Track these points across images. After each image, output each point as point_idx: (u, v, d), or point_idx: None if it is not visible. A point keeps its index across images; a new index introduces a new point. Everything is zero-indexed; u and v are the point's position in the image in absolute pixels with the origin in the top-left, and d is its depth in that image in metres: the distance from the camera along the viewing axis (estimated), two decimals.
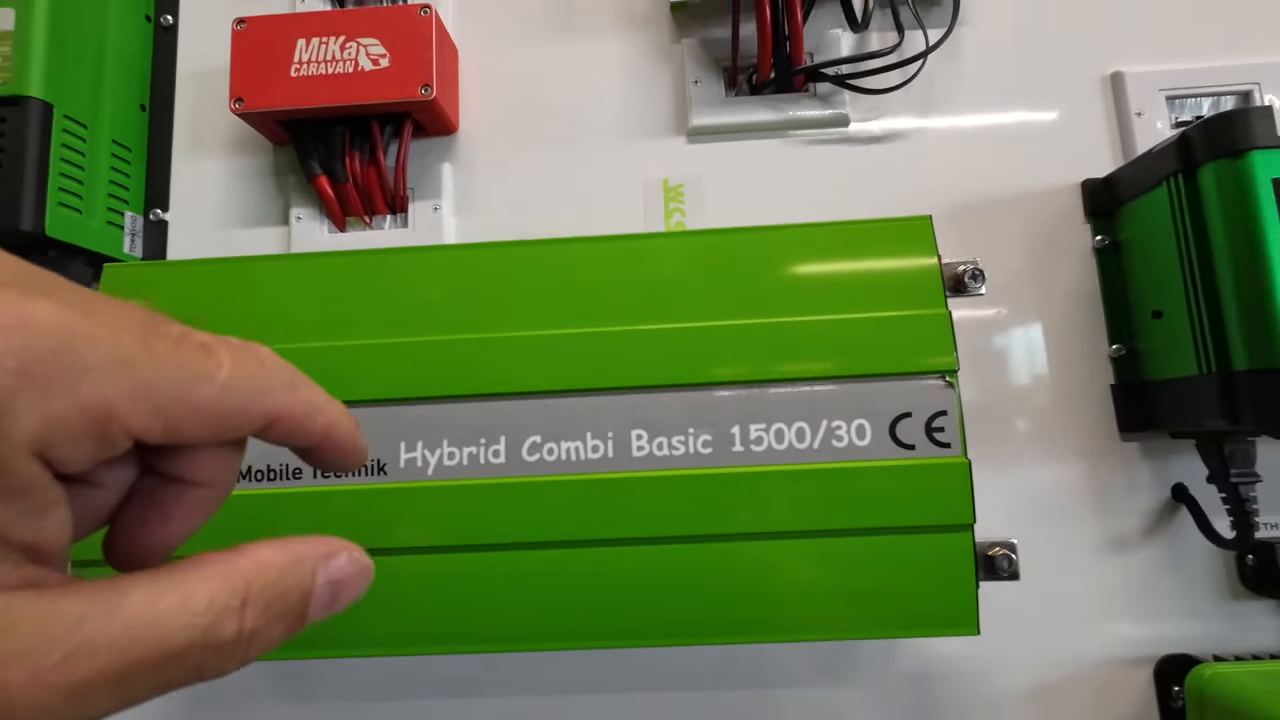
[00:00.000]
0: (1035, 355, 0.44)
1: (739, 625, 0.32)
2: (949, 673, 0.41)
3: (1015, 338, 0.44)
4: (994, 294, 0.44)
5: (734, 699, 0.41)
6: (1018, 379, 0.43)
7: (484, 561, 0.32)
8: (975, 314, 0.44)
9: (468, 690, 0.42)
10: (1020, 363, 0.44)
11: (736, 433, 0.33)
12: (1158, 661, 0.41)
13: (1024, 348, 0.44)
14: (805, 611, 0.32)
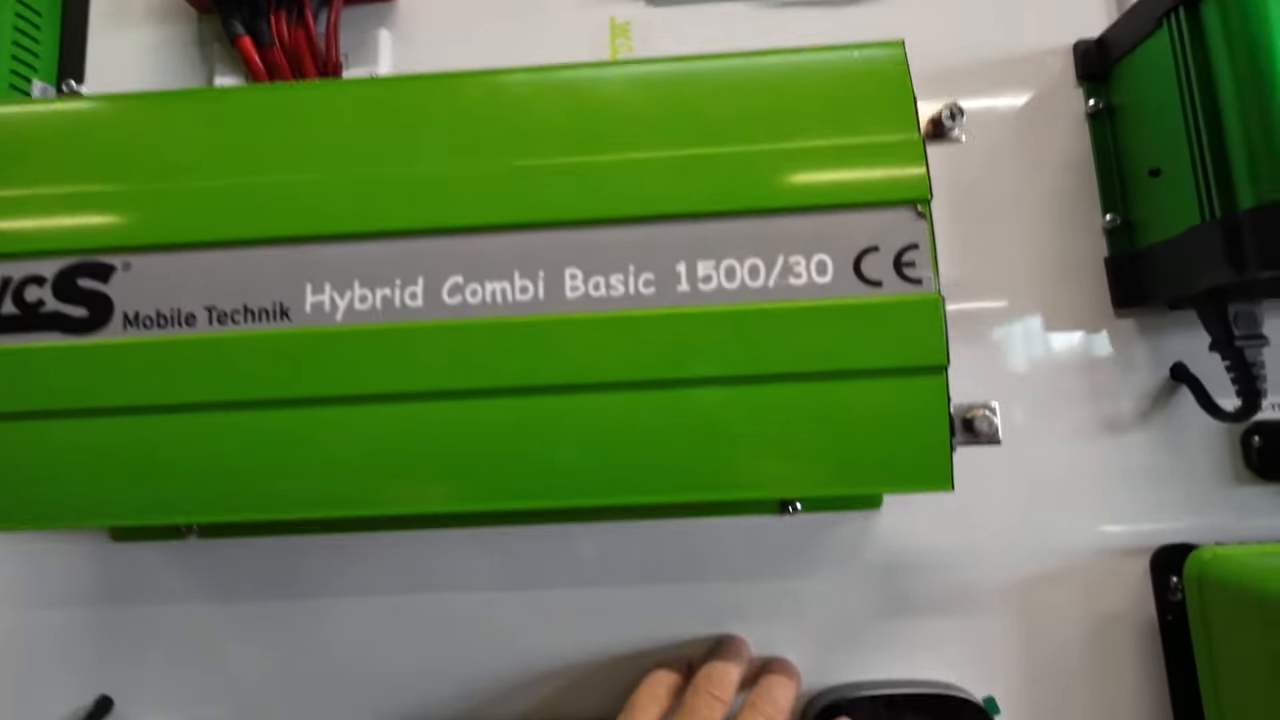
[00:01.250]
0: (1024, 228, 0.40)
1: (688, 480, 0.28)
2: (925, 565, 0.38)
3: (1004, 210, 0.40)
4: (980, 164, 0.40)
5: (692, 592, 0.38)
6: (1005, 253, 0.40)
7: (402, 414, 0.29)
8: (958, 174, 0.40)
9: (394, 586, 0.39)
10: (1008, 237, 0.40)
11: (683, 270, 0.29)
12: (1154, 552, 0.37)
13: (1012, 220, 0.40)
14: (762, 464, 0.28)
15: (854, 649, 0.37)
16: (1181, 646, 0.36)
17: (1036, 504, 0.38)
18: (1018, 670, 0.37)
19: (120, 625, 0.39)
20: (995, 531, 0.38)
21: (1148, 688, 0.37)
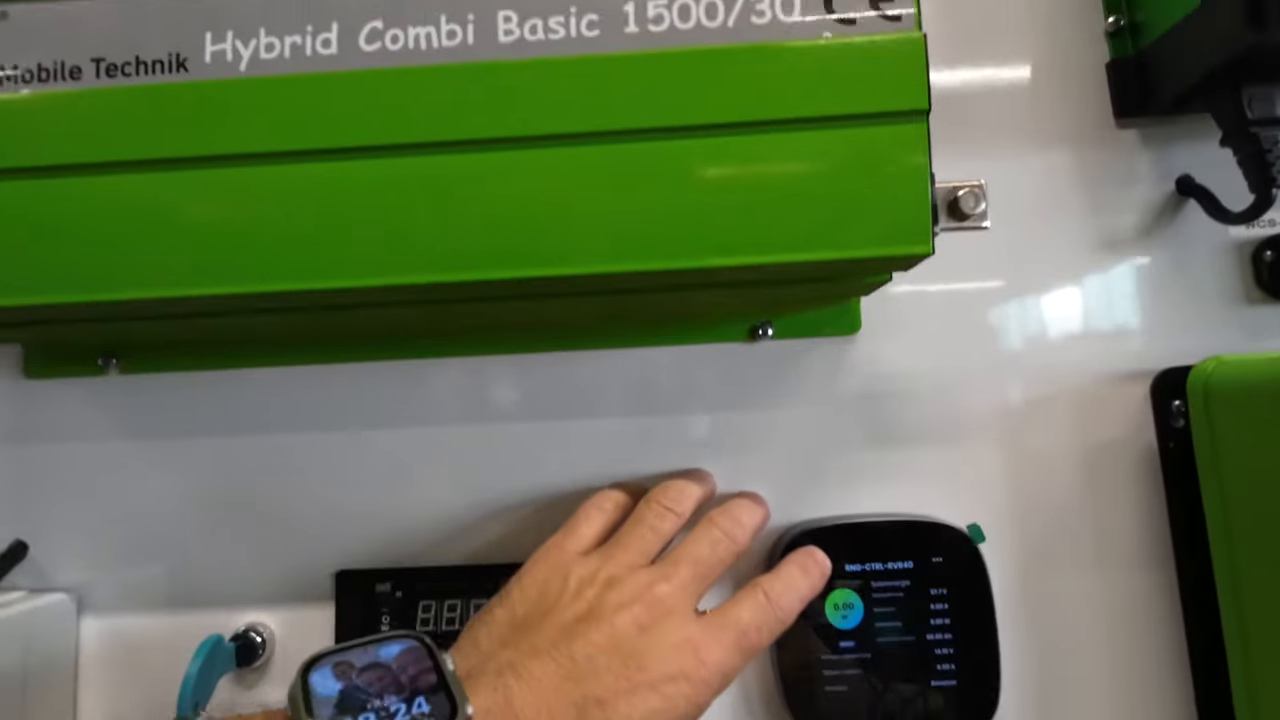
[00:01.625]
0: (1021, 32, 0.37)
1: (644, 247, 0.25)
2: (906, 393, 0.35)
3: (1002, 19, 0.37)
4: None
5: (660, 425, 0.35)
6: (1000, 58, 0.36)
7: (315, 173, 0.25)
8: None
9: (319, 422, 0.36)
10: (1003, 41, 0.37)
11: (630, 10, 0.26)
12: (1156, 376, 0.34)
13: (1003, 25, 0.37)
14: (725, 227, 0.25)
15: (831, 483, 0.35)
16: (1182, 474, 0.33)
17: (1029, 326, 0.35)
18: (1006, 502, 0.34)
19: (36, 466, 0.36)
20: (983, 356, 0.35)
21: (1145, 518, 0.34)
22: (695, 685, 0.25)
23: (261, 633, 0.35)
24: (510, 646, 0.25)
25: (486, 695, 0.23)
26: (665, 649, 0.25)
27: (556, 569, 0.28)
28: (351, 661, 0.23)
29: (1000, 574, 0.34)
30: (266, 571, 0.36)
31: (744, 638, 0.27)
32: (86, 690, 0.35)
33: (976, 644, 0.33)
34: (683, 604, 0.27)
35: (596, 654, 0.25)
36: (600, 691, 0.24)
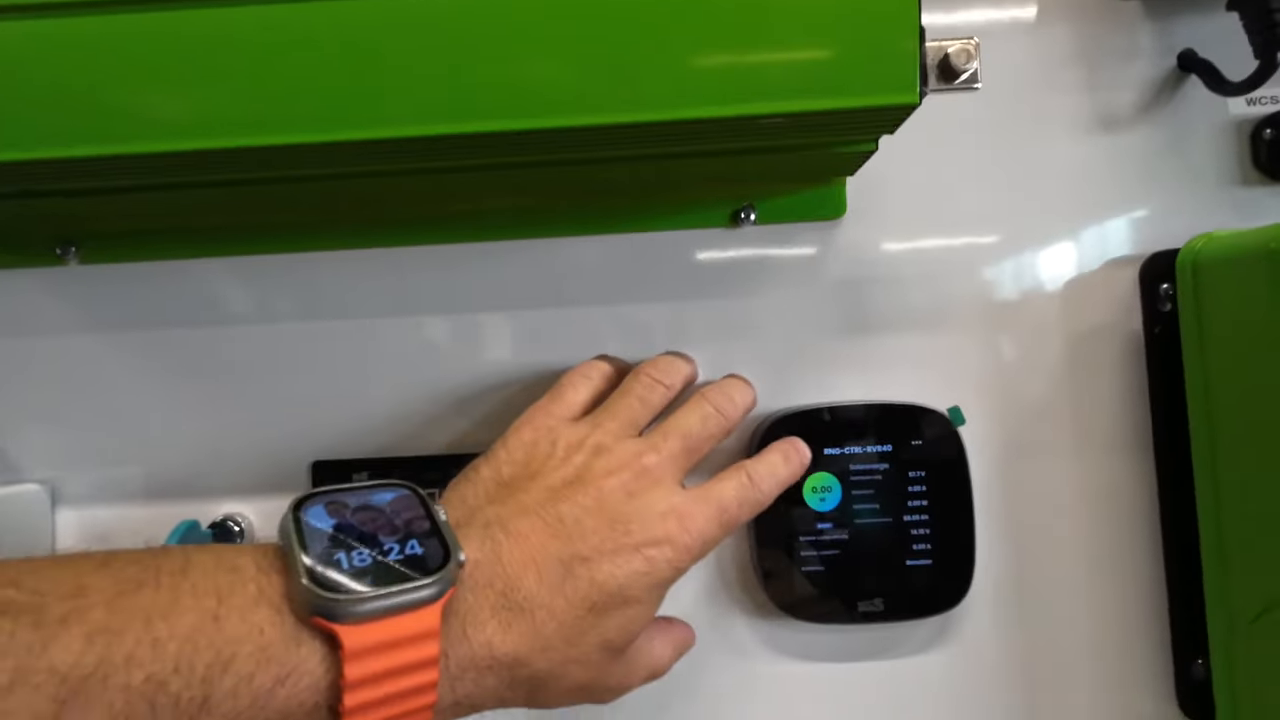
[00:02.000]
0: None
1: (617, 96, 0.24)
2: (891, 279, 0.34)
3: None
4: None
5: (639, 313, 0.34)
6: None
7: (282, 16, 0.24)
8: None
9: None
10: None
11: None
12: (1146, 260, 0.34)
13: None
14: (702, 75, 0.23)
15: (812, 370, 0.34)
16: (1166, 360, 0.33)
17: (1017, 211, 0.34)
18: (989, 388, 0.34)
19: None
20: (969, 241, 0.34)
21: (1126, 404, 0.34)
22: (677, 551, 0.26)
23: (240, 523, 0.35)
24: (497, 503, 0.26)
25: (476, 546, 0.23)
26: (651, 515, 0.26)
27: (544, 433, 0.28)
28: (345, 502, 0.23)
29: (979, 458, 0.34)
30: (241, 463, 0.35)
31: (725, 512, 0.27)
32: None
33: (953, 526, 0.33)
34: (670, 475, 0.27)
35: (583, 516, 0.25)
36: (586, 550, 0.25)
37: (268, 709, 0.19)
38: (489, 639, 0.22)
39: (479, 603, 0.23)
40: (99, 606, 0.18)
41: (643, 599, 0.25)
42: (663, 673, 0.29)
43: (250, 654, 0.19)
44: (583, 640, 0.24)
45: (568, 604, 0.24)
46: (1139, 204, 0.34)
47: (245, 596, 0.20)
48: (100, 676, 0.17)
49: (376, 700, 0.20)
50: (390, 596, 0.20)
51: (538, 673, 0.24)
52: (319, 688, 0.20)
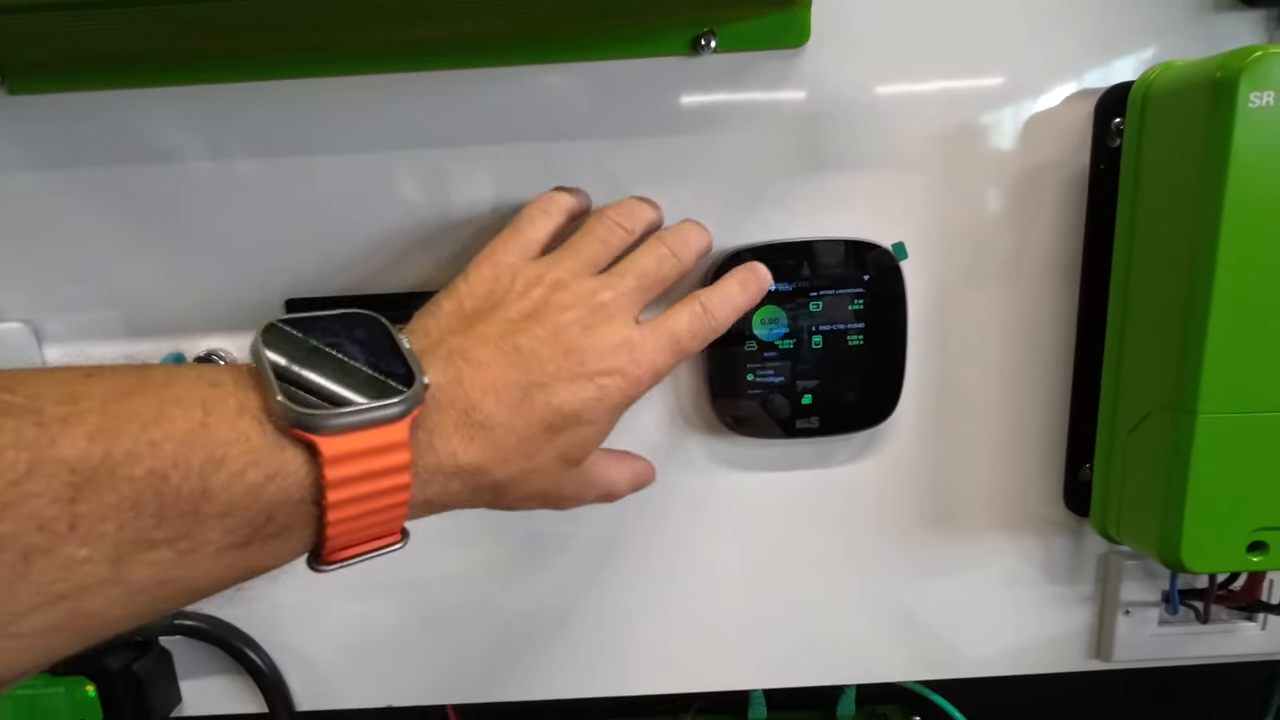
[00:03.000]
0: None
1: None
2: (848, 115, 0.34)
3: None
4: None
5: (592, 149, 0.34)
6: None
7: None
8: None
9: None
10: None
11: None
12: (1103, 93, 0.33)
13: None
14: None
15: (766, 207, 0.35)
16: (1106, 196, 0.34)
17: (981, 39, 0.33)
18: (935, 223, 0.35)
19: None
20: (930, 73, 0.33)
21: (1062, 239, 0.35)
22: (628, 380, 0.28)
23: (224, 357, 0.38)
24: (459, 334, 0.27)
25: (440, 371, 0.25)
26: (604, 347, 0.27)
27: (505, 269, 0.29)
28: (313, 327, 0.24)
29: (918, 288, 0.36)
30: (217, 302, 0.36)
31: (677, 344, 0.29)
32: None
33: (887, 353, 0.36)
34: (624, 311, 0.29)
35: (539, 346, 0.27)
36: (542, 378, 0.26)
37: (260, 499, 0.21)
38: (454, 450, 0.25)
39: (443, 420, 0.25)
40: (94, 412, 0.19)
41: (596, 420, 0.28)
42: (617, 496, 0.32)
43: (239, 455, 0.20)
44: (539, 454, 0.27)
45: (525, 423, 0.26)
46: (1100, 31, 0.33)
47: (228, 408, 0.21)
48: (107, 469, 0.19)
49: (356, 497, 0.22)
50: (361, 412, 0.22)
51: (499, 480, 0.26)
52: (304, 484, 0.22)
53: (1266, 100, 0.26)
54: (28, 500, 0.18)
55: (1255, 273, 0.28)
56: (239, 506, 0.20)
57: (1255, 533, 0.30)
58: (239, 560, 0.21)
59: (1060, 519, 0.39)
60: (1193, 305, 0.29)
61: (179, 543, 0.20)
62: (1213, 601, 0.38)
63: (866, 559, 0.40)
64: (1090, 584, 0.40)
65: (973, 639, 0.41)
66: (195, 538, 0.20)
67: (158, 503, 0.19)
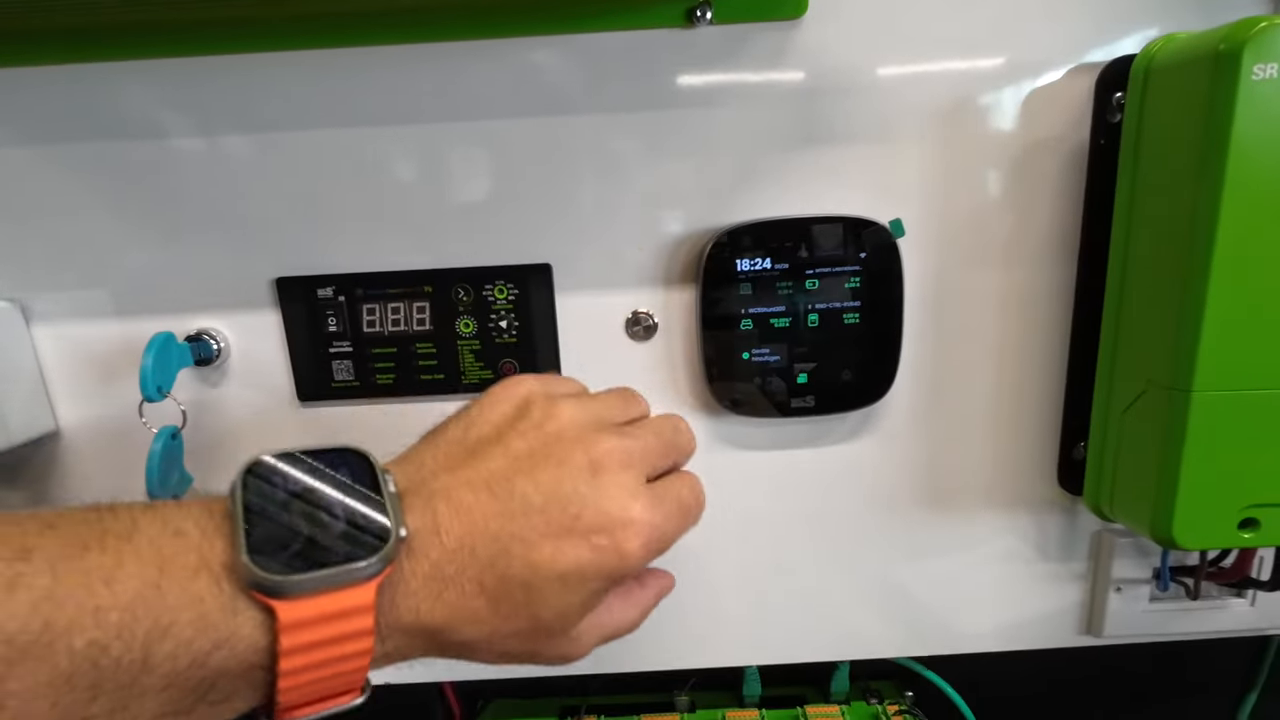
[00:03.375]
0: None
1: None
2: (845, 87, 0.33)
3: None
4: None
5: (585, 125, 0.34)
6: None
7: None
8: None
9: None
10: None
11: None
12: (1105, 66, 0.33)
13: None
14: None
15: (763, 181, 0.35)
16: (1106, 172, 0.33)
17: (983, 9, 0.32)
18: (934, 199, 0.35)
19: None
20: (929, 45, 0.33)
21: (1062, 215, 0.35)
22: (628, 545, 0.24)
23: (215, 336, 0.37)
24: (450, 471, 0.25)
25: (417, 516, 0.23)
26: (611, 502, 0.24)
27: (518, 400, 0.27)
28: (295, 468, 0.23)
29: (915, 266, 0.36)
30: (205, 280, 0.36)
31: (686, 515, 0.27)
32: (61, 399, 0.38)
33: (883, 333, 0.36)
34: (642, 463, 0.26)
35: (534, 493, 0.24)
36: (526, 531, 0.24)
37: (206, 667, 0.20)
38: (417, 606, 0.23)
39: (412, 571, 0.23)
40: (44, 573, 0.18)
41: (582, 589, 0.24)
42: (628, 631, 0.29)
43: (189, 621, 0.19)
44: (514, 617, 0.24)
45: (499, 582, 0.23)
46: (1111, 7, 0.32)
47: (186, 566, 0.20)
48: (45, 642, 0.18)
49: (311, 664, 0.21)
50: (327, 578, 0.20)
51: (466, 640, 0.24)
52: (256, 649, 0.20)
53: (1270, 72, 0.26)
54: None
55: (1254, 249, 0.28)
56: (181, 678, 0.20)
57: (1247, 510, 0.30)
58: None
59: (1054, 497, 0.39)
60: (1190, 281, 0.28)
61: (114, 716, 0.19)
62: (1203, 578, 0.39)
63: (861, 537, 0.40)
64: (1083, 561, 0.41)
65: (966, 616, 0.42)
66: (132, 710, 0.19)
67: (94, 675, 0.18)
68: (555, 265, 0.36)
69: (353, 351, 0.37)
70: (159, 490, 0.34)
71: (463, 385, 0.37)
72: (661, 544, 0.25)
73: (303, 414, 0.38)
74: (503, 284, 0.36)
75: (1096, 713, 0.57)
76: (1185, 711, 0.57)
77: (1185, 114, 0.28)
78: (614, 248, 0.36)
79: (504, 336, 0.37)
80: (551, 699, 0.50)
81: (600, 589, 0.25)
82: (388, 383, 0.37)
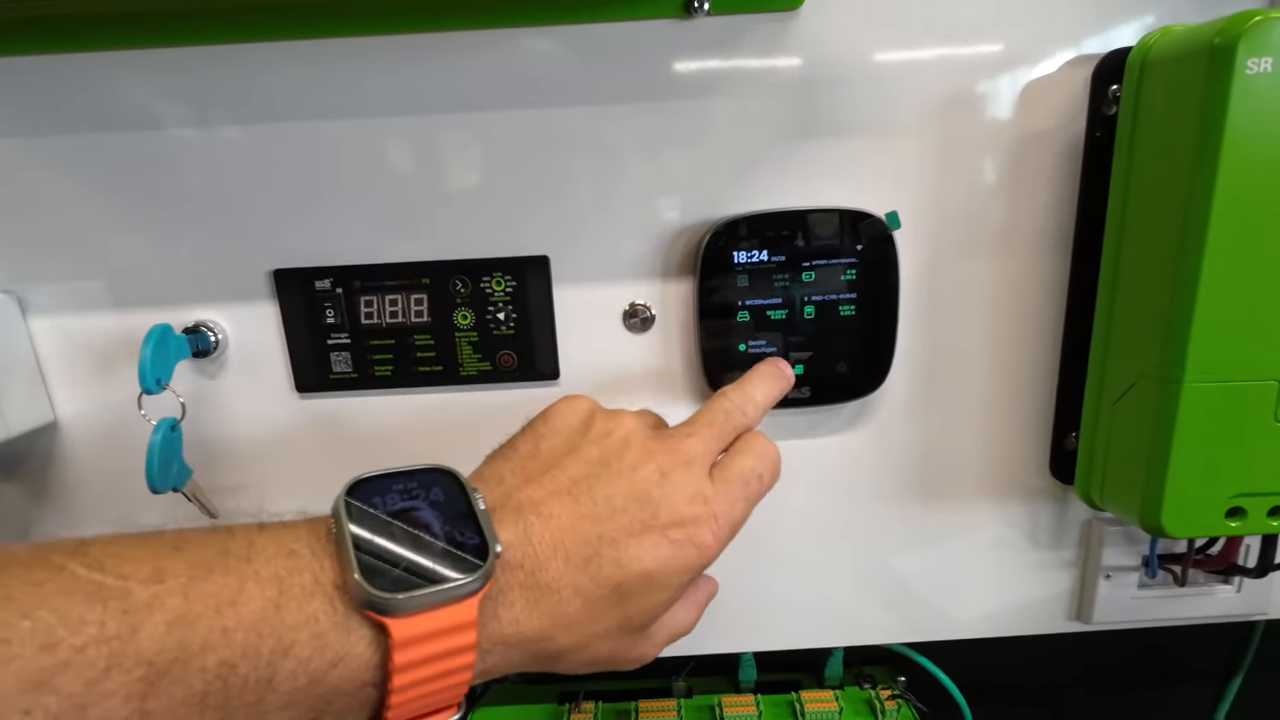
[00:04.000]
0: None
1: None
2: (843, 79, 0.33)
3: None
4: None
5: (582, 116, 0.34)
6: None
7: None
8: None
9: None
10: None
11: None
12: (1102, 58, 0.33)
13: None
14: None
15: (759, 173, 0.35)
16: (1102, 164, 0.34)
17: (971, 3, 0.32)
18: (930, 191, 0.35)
19: None
20: (927, 36, 0.33)
21: (1056, 207, 0.35)
22: (704, 536, 0.26)
23: (213, 328, 0.37)
24: (533, 483, 0.26)
25: (509, 530, 0.24)
26: (680, 499, 0.26)
27: (583, 413, 0.28)
28: (391, 489, 0.24)
29: (911, 257, 0.36)
30: (201, 272, 0.36)
31: (747, 486, 0.28)
32: (59, 391, 0.38)
33: (879, 325, 0.36)
34: (700, 460, 0.27)
35: (613, 495, 0.25)
36: (613, 531, 0.25)
37: (323, 684, 0.21)
38: (516, 617, 0.24)
39: (509, 583, 0.24)
40: (176, 594, 0.19)
41: (667, 583, 0.26)
42: (688, 631, 0.30)
43: (307, 640, 0.20)
44: (605, 618, 0.25)
45: (593, 584, 0.24)
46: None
47: (302, 585, 0.21)
48: (182, 661, 0.19)
49: (420, 680, 0.22)
50: (434, 595, 0.21)
51: (561, 647, 0.25)
52: (369, 667, 0.21)
53: (1264, 67, 0.26)
54: (103, 701, 0.18)
55: (1246, 243, 0.28)
56: (302, 694, 0.21)
57: (1234, 499, 0.31)
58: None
59: (1046, 486, 0.40)
60: (1183, 274, 0.29)
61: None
62: (1191, 565, 0.39)
63: (855, 526, 0.41)
64: (1073, 549, 0.41)
65: (958, 603, 0.42)
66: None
67: (224, 695, 0.19)
68: (553, 257, 0.36)
69: (351, 343, 0.37)
70: (159, 482, 0.34)
71: (460, 377, 0.38)
72: (732, 529, 0.27)
73: (301, 405, 0.38)
74: (500, 276, 0.36)
75: (1085, 697, 0.58)
76: (1172, 695, 0.58)
77: (1180, 107, 0.28)
78: (611, 240, 0.36)
79: (502, 328, 0.37)
80: (550, 685, 0.51)
81: (682, 584, 0.26)
82: (386, 374, 0.37)
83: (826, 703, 0.47)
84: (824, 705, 0.47)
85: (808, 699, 0.47)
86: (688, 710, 0.47)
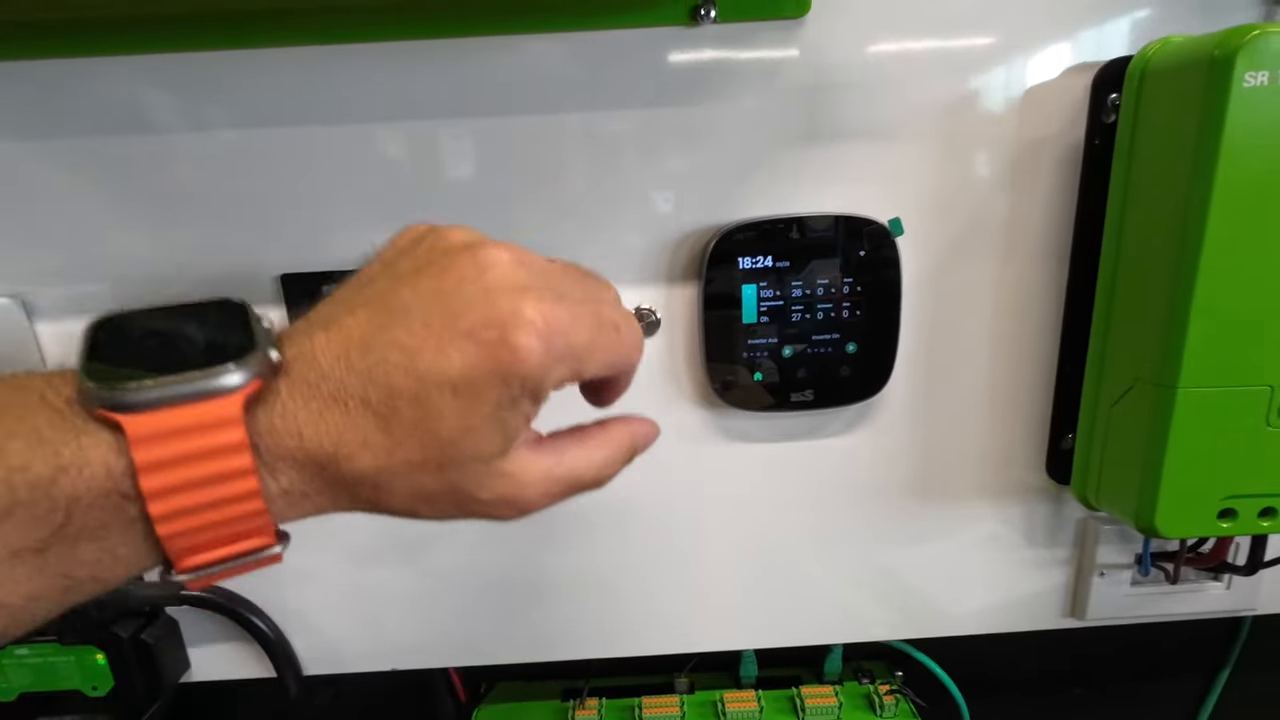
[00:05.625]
0: None
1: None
2: (847, 85, 0.33)
3: None
4: None
5: (589, 120, 0.34)
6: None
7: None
8: None
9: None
10: None
11: None
12: (1101, 67, 0.33)
13: None
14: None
15: (763, 179, 0.35)
16: (1100, 171, 0.34)
17: (973, 12, 0.33)
18: (932, 197, 0.35)
19: None
20: (931, 45, 0.33)
21: (1056, 214, 0.36)
22: (522, 337, 0.21)
23: None
24: (337, 304, 0.23)
25: (293, 344, 0.21)
26: (498, 293, 0.21)
27: (414, 233, 0.24)
28: (156, 312, 0.22)
29: (913, 263, 0.36)
30: (209, 277, 0.36)
31: (600, 322, 0.23)
32: None
33: (881, 329, 0.36)
34: (539, 271, 0.23)
35: (415, 299, 0.21)
36: (406, 338, 0.21)
37: (50, 495, 0.19)
38: (299, 430, 0.20)
39: (290, 394, 0.21)
40: None
41: (480, 396, 0.21)
42: (598, 484, 0.25)
43: (20, 450, 0.18)
44: (413, 440, 0.21)
45: (386, 395, 0.21)
46: (1108, 9, 0.33)
47: (25, 405, 0.19)
48: None
49: (182, 484, 0.19)
50: (174, 386, 0.19)
51: (365, 472, 0.21)
52: (112, 474, 0.19)
53: (1261, 80, 0.26)
54: None
55: (1241, 252, 0.28)
56: (21, 504, 0.18)
57: (1226, 500, 0.32)
58: (42, 567, 0.19)
59: (1042, 486, 0.41)
60: (1179, 281, 0.29)
61: None
62: (1182, 564, 0.40)
63: (855, 525, 0.41)
64: (1068, 548, 0.42)
65: (955, 600, 0.43)
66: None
67: None
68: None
69: None
70: None
71: None
72: (568, 348, 0.22)
73: None
74: None
75: (1079, 690, 0.59)
76: (1161, 687, 0.59)
77: (1178, 117, 0.29)
78: (616, 244, 0.36)
79: None
80: (554, 682, 0.52)
81: (503, 399, 0.21)
82: None
83: (826, 698, 0.48)
84: (824, 700, 0.47)
85: (808, 694, 0.48)
86: (691, 706, 0.48)
